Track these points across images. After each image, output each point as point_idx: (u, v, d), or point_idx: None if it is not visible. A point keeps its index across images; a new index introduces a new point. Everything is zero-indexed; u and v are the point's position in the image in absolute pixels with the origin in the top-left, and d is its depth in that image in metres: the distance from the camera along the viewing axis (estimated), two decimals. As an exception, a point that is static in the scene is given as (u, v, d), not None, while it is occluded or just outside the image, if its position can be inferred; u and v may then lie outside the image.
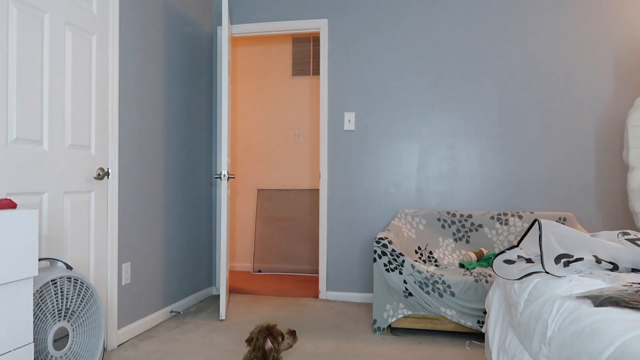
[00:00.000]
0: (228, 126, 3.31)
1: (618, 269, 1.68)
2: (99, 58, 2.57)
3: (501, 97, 3.57)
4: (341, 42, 3.83)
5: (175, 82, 3.37)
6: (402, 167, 3.72)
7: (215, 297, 3.88)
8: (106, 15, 2.62)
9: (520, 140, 3.54)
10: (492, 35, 3.58)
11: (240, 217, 5.11)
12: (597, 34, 3.46)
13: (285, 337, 2.22)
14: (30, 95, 2.11)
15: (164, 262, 3.23)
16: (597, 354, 1.13)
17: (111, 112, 2.66)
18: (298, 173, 4.98)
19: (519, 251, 2.01)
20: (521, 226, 3.33)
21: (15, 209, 1.64)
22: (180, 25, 3.44)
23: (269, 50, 5.09)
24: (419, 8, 3.70)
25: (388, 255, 2.88)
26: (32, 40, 2.12)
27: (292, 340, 2.27)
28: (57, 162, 2.28)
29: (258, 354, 2.12)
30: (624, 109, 3.42)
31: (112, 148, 2.66)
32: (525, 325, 1.62)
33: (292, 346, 2.29)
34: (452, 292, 2.76)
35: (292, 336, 2.27)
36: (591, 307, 1.29)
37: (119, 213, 2.72)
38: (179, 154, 3.44)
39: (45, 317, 1.85)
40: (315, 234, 4.73)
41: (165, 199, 3.24)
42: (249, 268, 5.01)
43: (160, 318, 3.17)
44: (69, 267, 2.02)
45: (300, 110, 4.98)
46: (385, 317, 2.90)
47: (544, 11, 3.52)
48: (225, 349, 2.65)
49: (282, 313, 3.39)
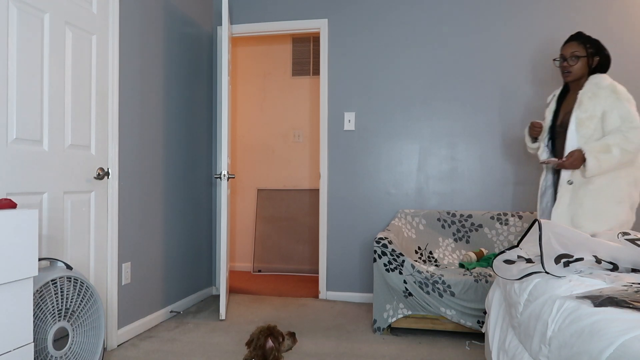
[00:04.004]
0: (228, 126, 3.31)
1: (618, 269, 1.68)
2: (99, 58, 2.57)
3: (501, 96, 3.57)
4: (341, 42, 3.83)
5: (175, 82, 3.37)
6: (402, 167, 3.72)
7: (215, 297, 3.88)
8: (106, 15, 2.62)
9: (521, 140, 3.54)
10: (493, 35, 3.58)
11: (240, 217, 5.11)
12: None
13: (285, 338, 2.23)
14: (30, 95, 2.11)
15: (164, 262, 3.23)
16: (597, 354, 1.13)
17: (111, 112, 2.66)
18: (298, 173, 4.98)
19: (519, 251, 2.01)
20: (521, 226, 3.33)
21: (15, 209, 1.64)
22: (180, 25, 3.44)
23: (269, 50, 5.09)
24: (419, 8, 3.70)
25: (388, 255, 2.88)
26: (32, 40, 2.12)
27: (292, 342, 2.28)
28: (57, 162, 2.28)
29: (258, 353, 2.12)
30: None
31: (112, 148, 2.66)
32: (525, 325, 1.62)
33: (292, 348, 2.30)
34: (452, 292, 2.76)
35: (292, 338, 2.27)
36: (591, 307, 1.29)
37: (119, 213, 2.72)
38: (179, 154, 3.44)
39: (45, 317, 1.85)
40: (315, 234, 4.72)
41: (165, 199, 3.24)
42: (249, 268, 5.02)
43: (160, 318, 3.17)
44: (69, 267, 2.02)
45: (300, 110, 4.98)
46: (385, 317, 2.90)
47: (545, 11, 3.51)
48: (225, 349, 2.65)
49: (282, 313, 3.39)
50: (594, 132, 2.32)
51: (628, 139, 2.24)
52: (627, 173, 2.31)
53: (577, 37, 2.47)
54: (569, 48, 2.47)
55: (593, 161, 2.22)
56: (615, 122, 2.28)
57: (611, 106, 2.30)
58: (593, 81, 2.40)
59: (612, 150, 2.22)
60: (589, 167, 2.24)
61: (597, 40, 2.46)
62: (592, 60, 2.44)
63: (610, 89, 2.33)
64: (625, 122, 2.26)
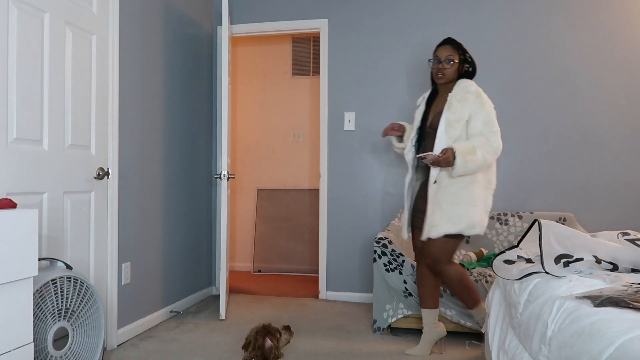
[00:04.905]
0: (228, 126, 3.31)
1: (618, 269, 1.68)
2: (99, 58, 2.57)
3: (501, 96, 3.56)
4: (341, 42, 3.83)
5: (175, 82, 3.37)
6: (402, 167, 3.71)
7: (215, 297, 3.88)
8: (106, 15, 2.62)
9: (521, 140, 3.54)
10: (493, 35, 3.58)
11: (240, 217, 5.11)
12: (599, 34, 3.46)
13: (282, 333, 2.24)
14: (30, 95, 2.11)
15: (164, 262, 3.23)
16: (597, 354, 1.13)
17: (111, 112, 2.66)
18: (298, 173, 4.97)
19: (519, 251, 2.01)
20: (521, 226, 3.33)
21: (15, 208, 1.64)
22: (180, 25, 3.44)
23: (269, 50, 5.09)
24: (419, 8, 3.70)
25: (388, 255, 2.88)
26: (32, 40, 2.12)
27: (289, 335, 2.29)
28: (57, 162, 2.28)
29: (258, 354, 2.12)
30: (624, 109, 3.42)
31: (112, 148, 2.66)
32: (525, 326, 1.62)
33: (290, 341, 2.31)
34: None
35: (288, 331, 2.29)
36: (591, 307, 1.29)
37: (119, 213, 2.72)
38: (179, 153, 3.44)
39: (45, 317, 1.85)
40: (315, 234, 4.72)
41: (165, 198, 3.24)
42: (249, 268, 5.01)
43: (160, 318, 3.17)
44: (69, 267, 2.02)
45: (300, 110, 4.98)
46: (385, 317, 2.90)
47: (545, 9, 3.51)
48: (225, 349, 2.65)
49: (282, 313, 3.38)
50: (461, 134, 2.43)
51: (490, 142, 2.39)
52: (482, 177, 2.46)
53: (452, 42, 2.57)
54: (444, 51, 2.55)
55: (461, 161, 2.32)
56: (478, 126, 2.42)
57: (476, 111, 2.42)
58: (461, 85, 2.51)
59: (477, 152, 2.34)
60: (457, 167, 2.33)
61: (466, 48, 2.59)
62: (462, 67, 2.55)
63: (475, 95, 2.45)
64: (487, 126, 2.41)
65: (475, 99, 2.44)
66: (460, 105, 2.43)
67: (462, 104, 2.44)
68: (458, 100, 2.45)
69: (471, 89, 2.47)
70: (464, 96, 2.45)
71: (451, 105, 2.45)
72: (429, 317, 2.61)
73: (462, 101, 2.44)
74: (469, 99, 2.44)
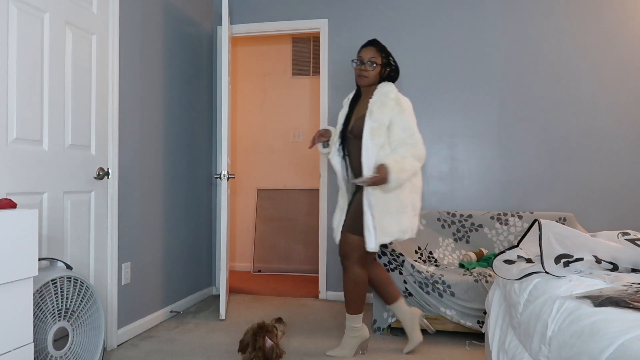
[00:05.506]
0: (228, 126, 3.31)
1: (618, 269, 1.67)
2: (98, 58, 2.57)
3: (501, 96, 3.57)
4: (341, 42, 3.83)
5: (175, 82, 3.37)
6: (402, 167, 3.71)
7: (215, 297, 3.88)
8: (106, 15, 2.62)
9: (521, 140, 3.54)
10: (493, 35, 3.58)
11: (240, 217, 5.11)
12: (598, 36, 3.46)
13: (277, 328, 2.26)
14: (30, 95, 2.11)
15: (164, 262, 3.23)
16: (597, 354, 1.13)
17: (111, 112, 2.66)
18: (298, 173, 4.98)
19: (519, 251, 2.01)
20: (521, 226, 3.33)
21: (15, 208, 1.64)
22: (180, 25, 3.44)
23: (269, 50, 5.09)
24: (419, 8, 3.70)
25: (388, 255, 2.88)
26: (32, 40, 2.12)
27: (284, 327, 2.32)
28: (57, 162, 2.28)
29: (259, 354, 2.12)
30: (624, 109, 3.42)
31: (112, 148, 2.66)
32: (525, 325, 1.62)
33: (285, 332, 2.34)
34: (452, 292, 2.76)
35: (281, 323, 2.32)
36: (591, 307, 1.29)
37: (119, 213, 2.72)
38: (179, 153, 3.44)
39: (45, 317, 1.85)
40: (315, 234, 4.72)
41: (165, 198, 3.23)
42: (249, 268, 5.01)
43: (160, 318, 3.17)
44: (69, 267, 2.02)
45: (300, 110, 4.98)
46: (385, 317, 2.90)
47: (545, 11, 3.51)
48: (225, 349, 2.65)
49: (282, 313, 3.38)
50: (385, 140, 2.44)
51: (415, 149, 2.43)
52: (408, 182, 2.47)
53: (375, 44, 2.56)
54: (368, 52, 2.54)
55: (394, 177, 2.35)
56: (398, 133, 2.44)
57: (396, 117, 2.45)
58: (382, 90, 2.52)
59: (406, 163, 2.38)
60: (392, 182, 2.36)
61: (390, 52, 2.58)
62: (385, 70, 2.55)
63: (395, 101, 2.47)
64: (407, 132, 2.44)
65: (395, 105, 2.45)
66: (380, 112, 2.45)
67: (381, 110, 2.45)
68: (378, 107, 2.46)
69: (391, 95, 2.48)
70: (384, 101, 2.46)
71: (372, 113, 2.47)
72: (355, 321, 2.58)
73: (382, 107, 2.45)
74: (389, 104, 2.45)
